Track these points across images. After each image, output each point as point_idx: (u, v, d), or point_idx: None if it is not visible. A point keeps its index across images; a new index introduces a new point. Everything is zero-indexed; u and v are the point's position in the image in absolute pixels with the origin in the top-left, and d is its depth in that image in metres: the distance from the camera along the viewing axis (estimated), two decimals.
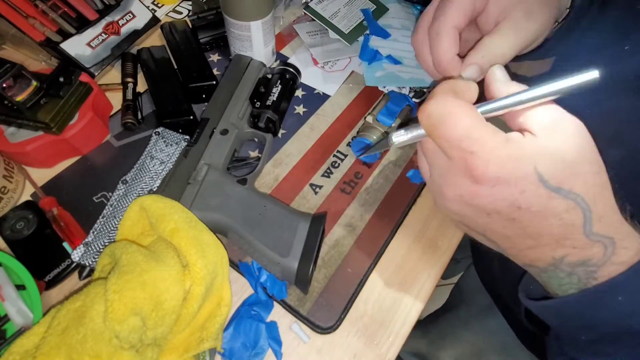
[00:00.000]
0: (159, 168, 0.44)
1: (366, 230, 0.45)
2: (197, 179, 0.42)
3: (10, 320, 0.34)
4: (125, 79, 0.52)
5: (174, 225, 0.37)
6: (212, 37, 0.57)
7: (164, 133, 0.46)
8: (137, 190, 0.42)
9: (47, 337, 0.31)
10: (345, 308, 0.40)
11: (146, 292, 0.32)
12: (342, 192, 0.47)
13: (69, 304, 0.32)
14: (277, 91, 0.50)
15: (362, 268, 0.42)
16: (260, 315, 0.39)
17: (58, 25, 0.51)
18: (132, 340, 0.31)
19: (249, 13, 0.49)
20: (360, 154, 0.48)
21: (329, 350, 0.38)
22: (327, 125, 0.53)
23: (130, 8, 0.56)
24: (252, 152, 0.50)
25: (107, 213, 0.41)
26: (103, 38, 0.53)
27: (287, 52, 0.60)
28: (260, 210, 0.41)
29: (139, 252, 0.34)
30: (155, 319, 0.32)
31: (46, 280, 0.38)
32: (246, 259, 0.42)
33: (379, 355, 0.38)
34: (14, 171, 0.44)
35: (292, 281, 0.38)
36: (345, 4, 0.63)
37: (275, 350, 0.37)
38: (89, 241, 0.39)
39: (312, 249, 0.38)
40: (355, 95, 0.56)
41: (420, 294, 0.41)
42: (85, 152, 0.48)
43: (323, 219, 0.41)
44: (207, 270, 0.35)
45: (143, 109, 0.52)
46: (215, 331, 0.36)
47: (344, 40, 0.59)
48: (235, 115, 0.48)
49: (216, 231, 0.40)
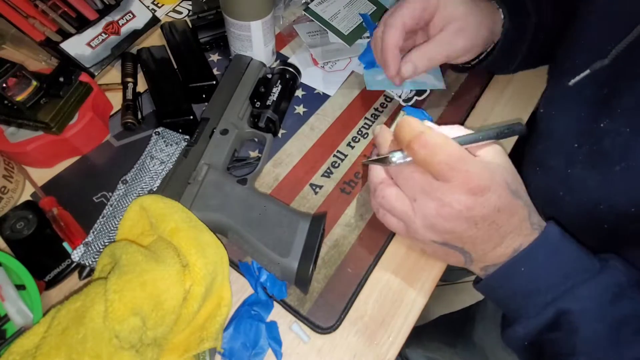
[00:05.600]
0: (159, 168, 0.44)
1: (366, 230, 0.45)
2: (197, 179, 0.42)
3: (10, 320, 0.34)
4: (125, 79, 0.52)
5: (174, 225, 0.37)
6: (212, 37, 0.57)
7: (164, 133, 0.46)
8: (137, 190, 0.42)
9: (47, 337, 0.31)
10: (345, 308, 0.40)
11: (146, 292, 0.32)
12: (342, 192, 0.47)
13: (69, 304, 0.32)
14: (277, 91, 0.50)
15: (362, 268, 0.42)
16: (260, 315, 0.39)
17: (58, 25, 0.51)
18: (132, 340, 0.31)
19: (249, 13, 0.49)
20: None
21: (329, 350, 0.38)
22: (327, 125, 0.53)
23: (130, 8, 0.56)
24: (252, 152, 0.50)
25: (107, 213, 0.41)
26: (103, 38, 0.53)
27: (287, 52, 0.60)
28: (260, 210, 0.41)
29: (139, 252, 0.34)
30: (155, 319, 0.32)
31: (46, 280, 0.38)
32: (246, 259, 0.42)
33: (379, 355, 0.38)
34: (14, 171, 0.44)
35: (292, 281, 0.38)
36: (345, 5, 0.63)
37: (275, 350, 0.37)
38: (89, 241, 0.39)
39: (312, 249, 0.38)
40: (355, 95, 0.56)
41: (420, 294, 0.41)
42: (85, 152, 0.48)
43: (323, 219, 0.41)
44: (207, 270, 0.35)
45: (143, 109, 0.52)
46: (215, 331, 0.36)
47: (343, 41, 0.59)
48: (235, 115, 0.48)
49: (216, 231, 0.40)
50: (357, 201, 0.47)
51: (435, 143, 0.31)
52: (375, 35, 0.48)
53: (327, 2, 0.62)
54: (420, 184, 0.33)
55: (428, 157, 0.31)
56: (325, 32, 0.60)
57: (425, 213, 0.33)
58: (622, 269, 0.32)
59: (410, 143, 0.32)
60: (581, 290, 0.31)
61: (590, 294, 0.31)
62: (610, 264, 0.32)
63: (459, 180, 0.31)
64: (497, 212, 0.32)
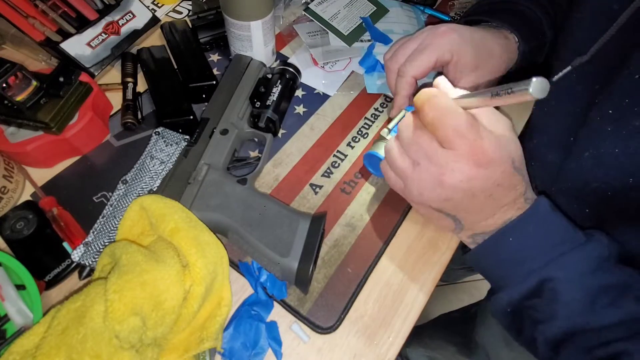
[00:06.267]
0: (159, 168, 0.44)
1: (366, 230, 0.45)
2: (197, 179, 0.42)
3: (10, 320, 0.34)
4: (125, 79, 0.52)
5: (174, 225, 0.37)
6: (212, 37, 0.57)
7: (164, 133, 0.46)
8: (137, 190, 0.42)
9: (47, 337, 0.31)
10: (345, 308, 0.40)
11: (146, 292, 0.32)
12: (342, 192, 0.47)
13: (69, 304, 0.32)
14: (277, 91, 0.50)
15: (362, 268, 0.42)
16: (260, 315, 0.39)
17: (58, 25, 0.51)
18: (132, 340, 0.31)
19: (249, 13, 0.49)
20: (378, 173, 0.47)
21: (329, 350, 0.38)
22: (327, 125, 0.53)
23: (130, 8, 0.56)
24: (252, 152, 0.50)
25: (107, 213, 0.41)
26: (103, 38, 0.53)
27: (287, 52, 0.60)
28: (260, 210, 0.41)
29: (139, 252, 0.34)
30: (155, 318, 0.32)
31: (46, 280, 0.38)
32: (246, 259, 0.42)
33: (379, 355, 0.38)
34: (14, 171, 0.44)
35: (292, 281, 0.38)
36: (345, 5, 0.63)
37: (275, 350, 0.37)
38: (89, 241, 0.39)
39: (312, 249, 0.38)
40: (355, 95, 0.56)
41: (420, 293, 0.41)
42: (85, 152, 0.48)
43: (323, 219, 0.41)
44: (207, 270, 0.35)
45: (143, 109, 0.52)
46: (215, 331, 0.36)
47: (343, 42, 0.59)
48: (235, 115, 0.48)
49: (216, 231, 0.40)
50: (357, 201, 0.46)
51: (446, 107, 0.31)
52: (386, 66, 0.48)
53: (327, 2, 0.62)
54: (425, 149, 0.33)
55: (436, 121, 0.31)
56: (325, 32, 0.60)
57: (425, 177, 0.34)
58: (606, 242, 0.33)
59: (422, 104, 0.32)
60: (565, 259, 0.32)
61: (573, 263, 0.32)
62: (595, 237, 0.33)
63: (464, 149, 0.31)
64: (496, 186, 0.32)
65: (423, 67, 0.44)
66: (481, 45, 0.45)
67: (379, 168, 0.45)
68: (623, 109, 0.33)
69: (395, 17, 0.63)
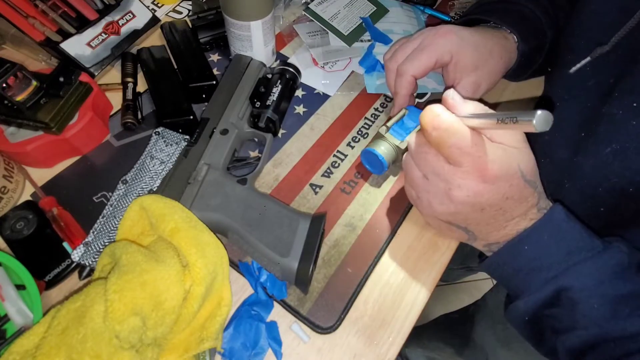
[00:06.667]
0: (159, 168, 0.44)
1: (366, 230, 0.45)
2: (197, 179, 0.42)
3: (10, 320, 0.34)
4: (125, 79, 0.52)
5: (174, 225, 0.37)
6: (212, 37, 0.57)
7: (164, 133, 0.46)
8: (137, 190, 0.42)
9: (47, 337, 0.31)
10: (345, 308, 0.40)
11: (146, 292, 0.32)
12: (342, 192, 0.47)
13: (69, 304, 0.32)
14: (277, 91, 0.50)
15: (362, 268, 0.42)
16: (260, 315, 0.39)
17: (58, 25, 0.51)
18: (132, 340, 0.31)
19: (249, 13, 0.49)
20: (374, 170, 0.47)
21: (329, 350, 0.38)
22: (327, 125, 0.53)
23: (130, 8, 0.56)
24: (252, 152, 0.50)
25: (107, 213, 0.41)
26: (103, 38, 0.53)
27: (287, 52, 0.60)
28: (260, 210, 0.41)
29: (139, 252, 0.34)
30: (155, 319, 0.32)
31: (46, 280, 0.38)
32: (246, 259, 0.42)
33: (379, 355, 0.38)
34: (14, 171, 0.44)
35: (292, 281, 0.38)
36: (345, 5, 0.63)
37: (275, 350, 0.37)
38: (89, 241, 0.39)
39: (312, 249, 0.38)
40: (355, 95, 0.56)
41: (420, 293, 0.41)
42: (85, 152, 0.48)
43: (323, 219, 0.41)
44: (207, 270, 0.35)
45: (143, 109, 0.52)
46: (215, 331, 0.36)
47: (343, 42, 0.59)
48: (235, 115, 0.48)
49: (216, 231, 0.40)
50: (357, 201, 0.46)
51: (449, 126, 0.31)
52: (386, 66, 0.49)
53: (327, 2, 0.62)
54: (432, 164, 0.34)
55: (440, 140, 0.32)
56: (325, 33, 0.60)
57: (434, 191, 0.34)
58: (626, 251, 0.32)
59: (425, 124, 0.32)
60: (582, 267, 0.32)
61: (590, 271, 0.31)
62: (614, 245, 0.32)
63: (469, 166, 0.31)
64: (505, 199, 0.32)
65: (422, 66, 0.44)
66: (481, 46, 0.45)
67: (376, 165, 0.45)
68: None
69: (395, 17, 0.63)
